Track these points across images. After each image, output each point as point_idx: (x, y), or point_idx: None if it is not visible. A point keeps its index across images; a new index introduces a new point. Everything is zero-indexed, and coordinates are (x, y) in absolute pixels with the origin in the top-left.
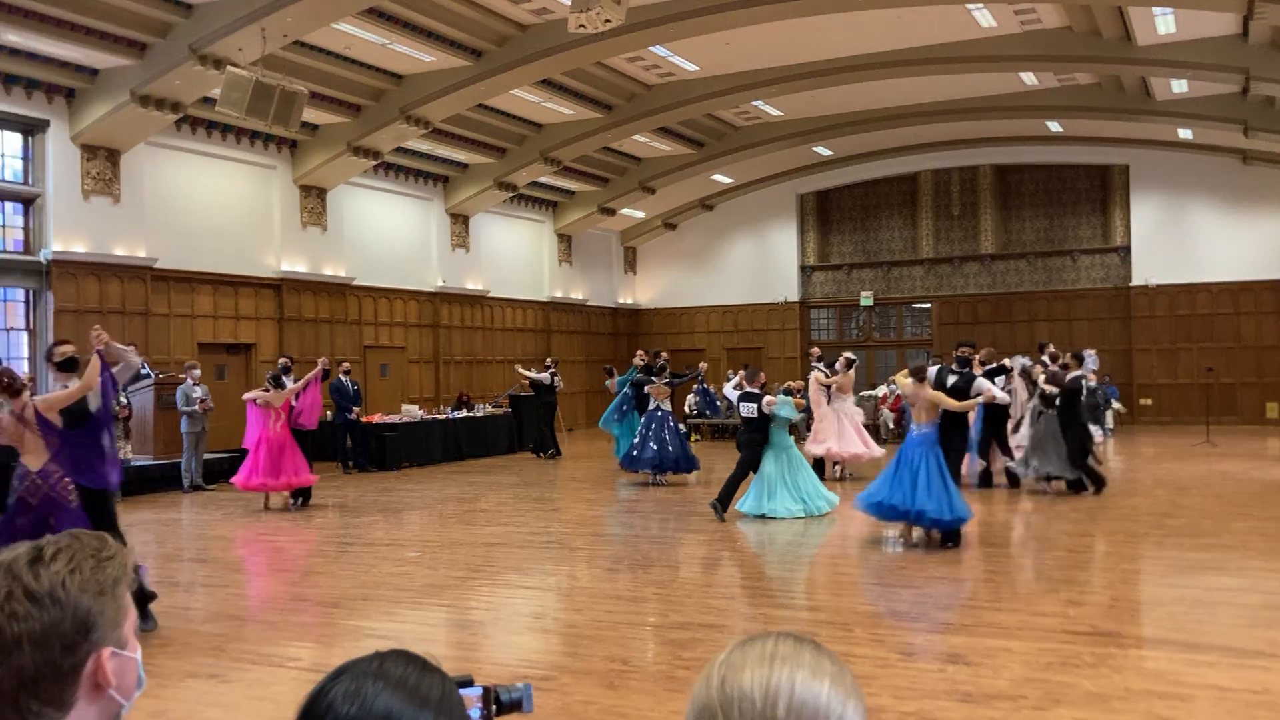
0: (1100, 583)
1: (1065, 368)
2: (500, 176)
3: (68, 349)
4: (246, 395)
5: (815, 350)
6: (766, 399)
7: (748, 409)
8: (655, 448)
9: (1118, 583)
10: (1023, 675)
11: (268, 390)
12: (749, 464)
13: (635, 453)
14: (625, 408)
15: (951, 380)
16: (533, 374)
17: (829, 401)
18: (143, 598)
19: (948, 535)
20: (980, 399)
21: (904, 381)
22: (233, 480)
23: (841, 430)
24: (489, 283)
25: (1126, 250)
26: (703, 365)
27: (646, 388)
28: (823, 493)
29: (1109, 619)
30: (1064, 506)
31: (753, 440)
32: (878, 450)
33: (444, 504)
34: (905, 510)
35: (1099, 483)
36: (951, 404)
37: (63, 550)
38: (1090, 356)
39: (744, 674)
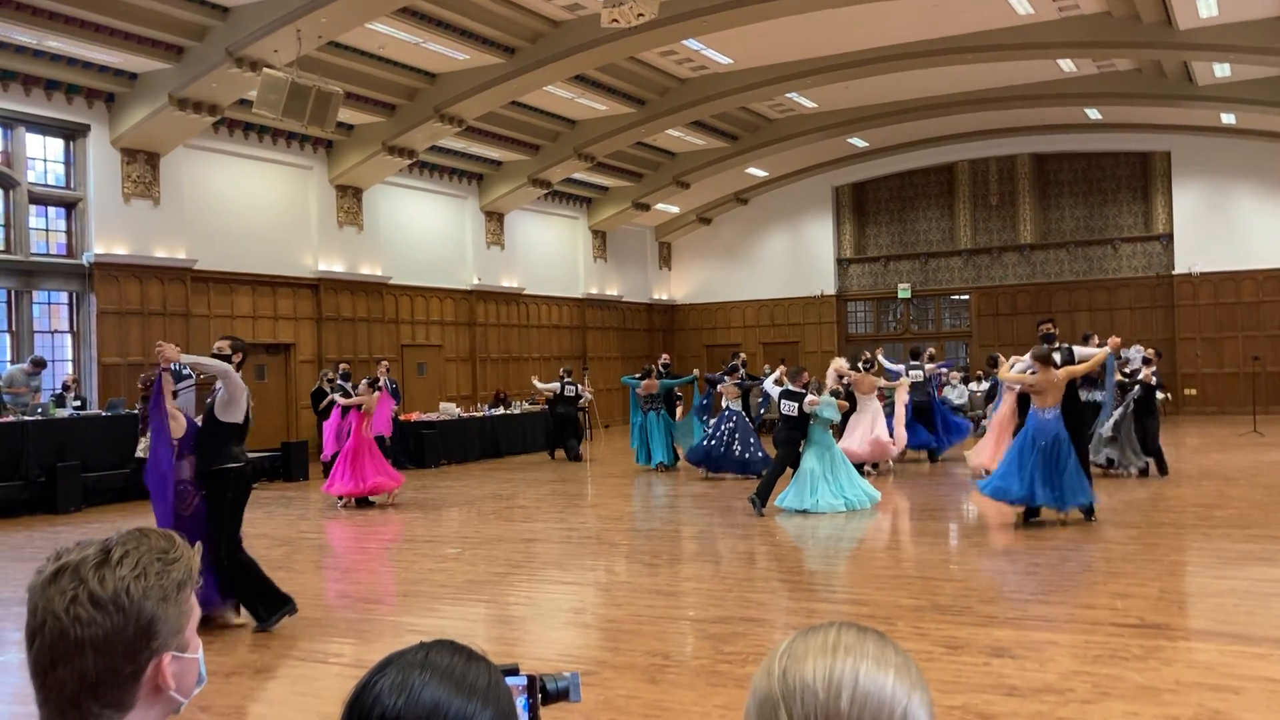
0: (1148, 574)
1: (1147, 361)
2: (534, 173)
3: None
4: (345, 401)
5: (868, 353)
6: (808, 398)
7: (788, 407)
8: (711, 443)
9: (1165, 574)
10: (1070, 668)
11: (355, 393)
12: (786, 460)
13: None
14: (697, 402)
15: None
16: (542, 386)
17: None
18: (271, 598)
19: (1086, 512)
20: (1105, 349)
21: (1009, 374)
22: (337, 491)
23: (850, 430)
24: (524, 280)
25: (1169, 238)
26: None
27: (719, 386)
28: (864, 488)
29: (1157, 611)
30: (1109, 499)
31: (791, 438)
32: (893, 450)
33: (482, 501)
34: (1050, 504)
35: (1163, 469)
36: (1082, 367)
37: (130, 553)
38: (1136, 351)
39: (806, 664)
